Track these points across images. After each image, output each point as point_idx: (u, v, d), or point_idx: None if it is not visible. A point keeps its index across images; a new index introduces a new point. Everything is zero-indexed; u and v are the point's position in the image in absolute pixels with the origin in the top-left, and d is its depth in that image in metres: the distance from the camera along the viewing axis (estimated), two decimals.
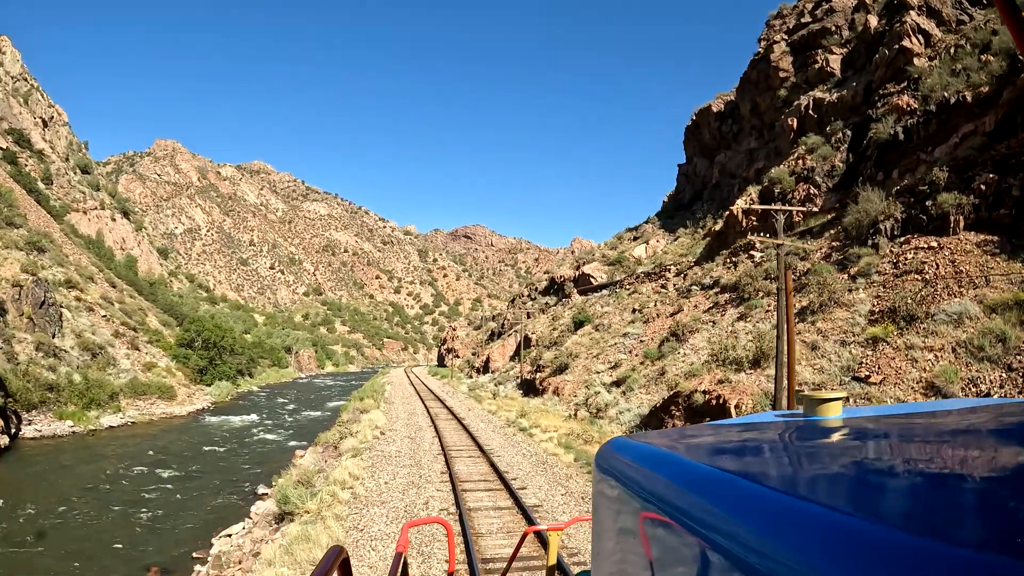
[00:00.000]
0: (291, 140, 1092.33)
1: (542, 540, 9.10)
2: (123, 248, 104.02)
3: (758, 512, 0.87)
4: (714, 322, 32.83)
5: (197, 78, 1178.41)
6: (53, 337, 42.52)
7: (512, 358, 58.33)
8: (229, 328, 67.63)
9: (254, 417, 41.85)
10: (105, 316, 52.49)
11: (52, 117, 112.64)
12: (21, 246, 55.09)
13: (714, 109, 63.52)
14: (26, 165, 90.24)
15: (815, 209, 36.82)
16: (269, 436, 33.54)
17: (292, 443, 31.07)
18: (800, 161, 41.28)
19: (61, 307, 46.76)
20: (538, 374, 39.33)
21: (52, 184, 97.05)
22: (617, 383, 31.25)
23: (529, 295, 74.63)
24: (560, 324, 50.17)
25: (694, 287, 40.26)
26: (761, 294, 31.92)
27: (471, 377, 63.67)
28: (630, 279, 50.39)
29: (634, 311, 42.57)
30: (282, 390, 68.62)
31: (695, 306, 37.06)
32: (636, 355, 34.97)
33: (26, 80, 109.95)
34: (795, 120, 45.05)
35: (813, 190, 39.17)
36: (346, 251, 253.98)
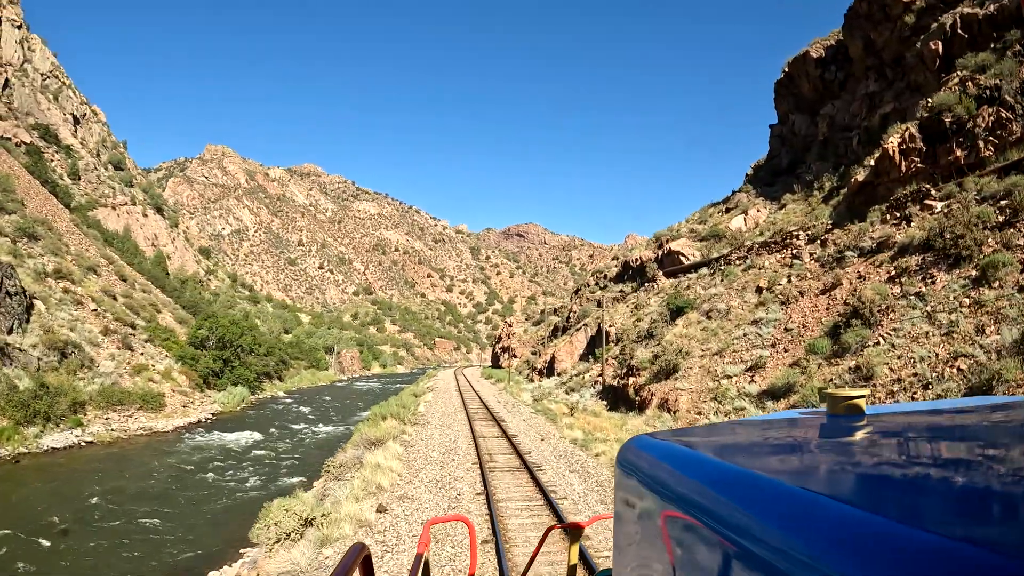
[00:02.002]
0: (343, 143, 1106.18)
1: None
2: (155, 244, 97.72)
3: (783, 511, 0.85)
4: (919, 294, 21.22)
5: (251, 83, 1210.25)
6: (10, 332, 33.88)
7: (583, 357, 47.17)
8: (250, 326, 58.65)
9: (255, 435, 32.15)
10: (96, 310, 44.05)
11: (85, 114, 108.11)
12: (7, 232, 47.65)
13: (812, 55, 51.17)
14: (52, 160, 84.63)
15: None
16: (250, 468, 23.47)
17: (279, 482, 20.96)
18: (969, 84, 29.28)
19: (33, 298, 38.32)
20: (631, 379, 28.13)
21: (80, 179, 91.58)
22: (772, 394, 19.81)
23: (597, 283, 63.25)
24: (647, 314, 38.85)
25: (848, 253, 28.59)
26: (992, 248, 20.39)
27: (532, 380, 52.67)
28: (738, 253, 38.62)
29: (759, 290, 30.94)
30: (313, 395, 59.37)
31: (860, 276, 25.50)
32: (786, 349, 23.46)
33: (56, 77, 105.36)
34: (939, 44, 33.50)
35: (1004, 113, 26.89)
36: (397, 250, 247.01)
